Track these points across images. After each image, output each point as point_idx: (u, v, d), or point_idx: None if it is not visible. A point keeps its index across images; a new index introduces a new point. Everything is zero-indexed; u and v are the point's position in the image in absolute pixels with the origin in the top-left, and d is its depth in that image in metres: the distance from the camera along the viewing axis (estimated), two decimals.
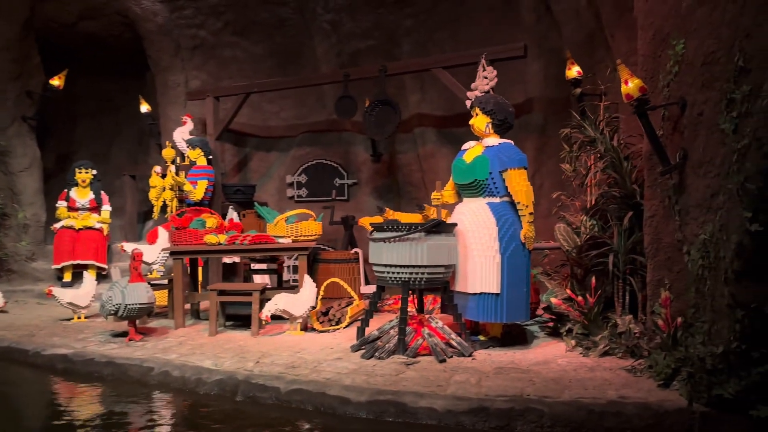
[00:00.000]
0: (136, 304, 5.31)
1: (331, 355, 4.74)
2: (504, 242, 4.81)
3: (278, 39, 9.15)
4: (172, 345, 5.22)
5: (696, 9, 3.86)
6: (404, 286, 4.75)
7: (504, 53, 6.60)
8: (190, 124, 8.92)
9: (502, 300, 4.80)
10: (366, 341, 4.85)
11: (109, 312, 5.38)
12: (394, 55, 8.57)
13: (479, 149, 5.05)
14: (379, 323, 5.16)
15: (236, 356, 4.76)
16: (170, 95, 9.25)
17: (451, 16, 8.08)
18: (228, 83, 9.25)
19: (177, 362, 4.60)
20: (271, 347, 5.07)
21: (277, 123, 9.47)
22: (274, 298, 5.54)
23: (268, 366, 4.45)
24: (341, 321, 5.87)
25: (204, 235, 6.15)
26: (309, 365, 4.45)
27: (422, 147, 8.44)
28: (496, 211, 4.89)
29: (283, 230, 6.26)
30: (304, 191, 9.15)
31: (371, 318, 5.10)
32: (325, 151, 9.13)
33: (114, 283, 5.53)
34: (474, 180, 4.94)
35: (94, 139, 10.95)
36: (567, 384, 3.92)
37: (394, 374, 4.19)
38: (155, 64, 9.12)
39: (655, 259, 4.40)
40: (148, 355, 4.84)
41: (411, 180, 8.66)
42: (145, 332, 5.72)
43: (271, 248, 6.01)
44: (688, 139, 3.94)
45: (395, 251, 4.69)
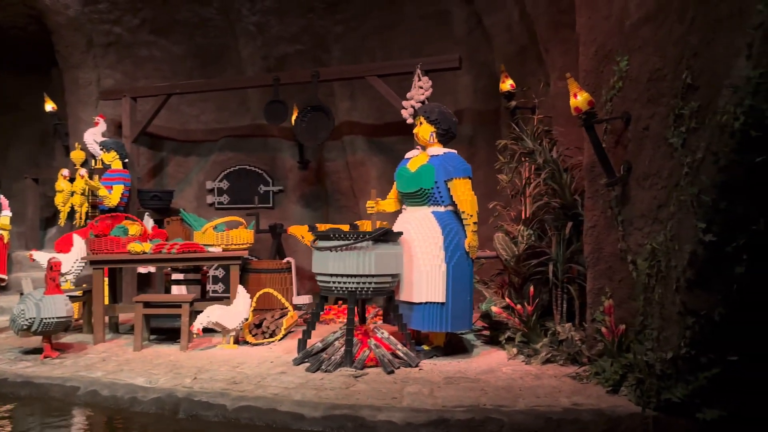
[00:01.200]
0: (53, 318, 4.88)
1: (274, 369, 4.54)
2: (449, 251, 4.81)
3: (199, 39, 8.80)
4: (95, 362, 4.84)
5: (640, 27, 4.02)
6: (350, 296, 4.63)
7: (439, 64, 6.63)
8: (103, 125, 8.40)
9: (447, 309, 4.79)
10: (309, 354, 4.69)
11: (21, 327, 4.91)
12: (323, 60, 8.44)
13: (424, 158, 5.03)
14: (317, 335, 5.01)
15: (170, 372, 4.47)
16: (80, 94, 8.67)
17: (382, 24, 8.06)
18: (144, 83, 8.79)
19: (105, 380, 4.25)
20: (206, 362, 4.80)
21: (196, 126, 9.09)
22: (206, 310, 5.26)
23: (208, 382, 4.20)
24: (275, 333, 5.66)
25: (126, 243, 5.77)
26: (252, 380, 4.24)
27: (352, 155, 8.35)
28: (441, 220, 4.88)
29: (213, 239, 5.98)
30: (226, 198, 8.83)
31: (313, 329, 4.93)
32: (249, 156, 8.85)
33: (26, 295, 5.07)
34: (419, 189, 4.91)
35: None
36: (518, 392, 3.94)
37: (344, 387, 4.06)
38: (64, 61, 8.52)
39: (595, 269, 4.52)
40: (71, 373, 4.45)
41: (340, 188, 8.55)
42: (62, 348, 5.28)
43: (201, 257, 5.72)
44: (633, 153, 4.08)
45: (342, 260, 4.57)
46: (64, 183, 8.35)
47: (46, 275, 5.00)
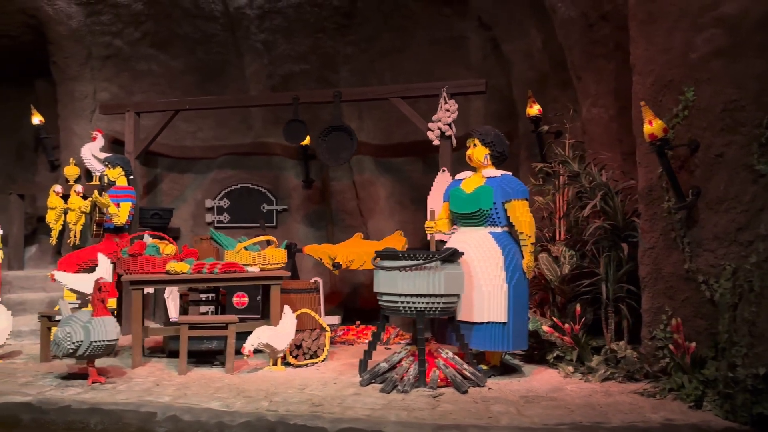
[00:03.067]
0: (104, 341, 4.66)
1: (344, 391, 4.49)
2: (510, 271, 4.90)
3: (201, 55, 8.64)
4: (149, 386, 4.64)
5: (710, 60, 4.27)
6: (419, 316, 4.64)
7: (465, 88, 6.78)
8: (101, 140, 8.14)
9: (509, 329, 4.87)
10: (376, 374, 4.66)
11: (66, 351, 4.66)
12: (329, 81, 8.45)
13: (480, 180, 5.13)
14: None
15: (238, 396, 4.34)
16: (76, 107, 8.34)
17: (392, 47, 8.15)
18: (140, 98, 8.55)
19: (178, 405, 4.09)
20: (267, 384, 4.69)
21: (193, 143, 8.89)
22: (255, 332, 5.15)
23: (288, 405, 4.11)
24: (317, 354, 5.58)
25: (162, 263, 5.58)
26: (332, 402, 4.17)
27: (359, 175, 8.36)
28: (500, 240, 4.98)
29: (247, 258, 5.87)
30: (226, 216, 8.65)
31: (374, 350, 4.91)
32: (251, 174, 8.72)
33: (69, 317, 4.82)
34: (478, 210, 4.99)
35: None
36: (602, 409, 4.05)
37: (430, 408, 4.06)
38: (61, 72, 8.19)
39: (653, 288, 4.72)
40: (136, 398, 4.26)
41: (345, 208, 8.52)
42: (102, 373, 5.03)
43: (243, 277, 5.59)
44: (701, 178, 4.31)
45: (411, 280, 4.58)
46: (57, 199, 8.02)
47: (92, 296, 4.77)
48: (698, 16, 4.35)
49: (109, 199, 6.93)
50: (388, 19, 8.00)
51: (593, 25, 5.84)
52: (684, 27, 4.47)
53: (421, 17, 7.84)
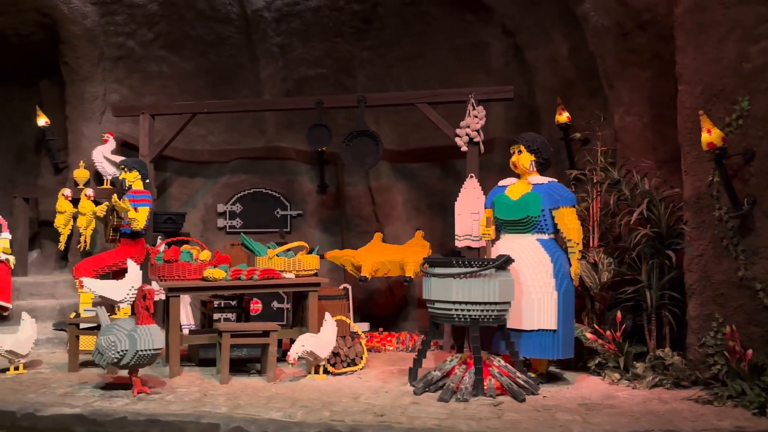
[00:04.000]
0: (150, 350, 4.52)
1: (400, 400, 4.42)
2: (558, 279, 4.91)
3: (213, 57, 8.50)
4: (198, 396, 4.51)
5: (766, 71, 4.33)
6: (473, 323, 4.61)
7: (493, 94, 6.77)
8: (112, 143, 7.96)
9: (559, 336, 4.87)
10: (430, 382, 4.60)
11: (111, 360, 4.51)
12: (345, 85, 8.38)
13: (526, 186, 5.12)
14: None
15: (294, 405, 4.25)
16: (85, 109, 8.14)
17: (411, 52, 8.12)
18: (149, 100, 8.38)
19: (238, 416, 3.98)
20: (319, 394, 4.60)
21: (203, 147, 8.73)
22: (299, 339, 5.06)
23: (348, 415, 4.03)
24: (356, 362, 5.51)
25: (198, 269, 5.45)
26: (394, 411, 4.11)
27: (375, 180, 8.30)
28: (548, 247, 4.98)
29: (281, 264, 5.77)
30: (239, 221, 8.51)
31: (424, 357, 4.85)
32: (264, 179, 8.59)
33: (111, 325, 4.67)
34: (526, 216, 4.99)
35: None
36: (666, 417, 4.06)
37: (495, 417, 4.03)
38: (72, 73, 7.98)
39: (702, 296, 4.76)
40: (191, 409, 4.13)
41: (361, 213, 8.45)
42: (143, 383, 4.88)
43: (283, 284, 5.49)
44: (758, 187, 4.36)
45: (467, 288, 4.55)
46: (66, 203, 7.81)
47: (136, 304, 4.62)
48: (753, 28, 4.41)
49: (129, 204, 6.75)
50: (408, 25, 7.97)
51: (628, 34, 5.89)
52: (736, 37, 4.53)
53: (442, 23, 7.83)
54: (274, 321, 7.34)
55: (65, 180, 8.71)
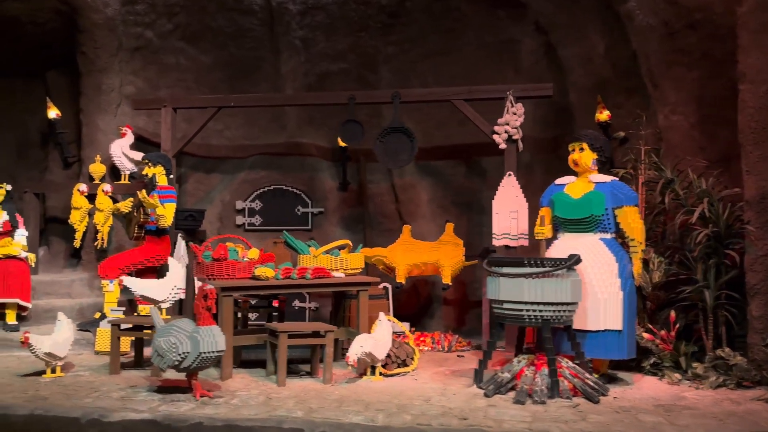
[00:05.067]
0: (213, 352, 4.33)
1: (473, 402, 4.32)
2: (623, 278, 4.86)
3: (233, 50, 8.29)
4: (262, 399, 4.35)
5: None
6: (545, 324, 4.53)
7: (532, 91, 6.72)
8: (131, 137, 7.71)
9: (624, 336, 4.82)
10: (501, 384, 4.51)
11: (172, 362, 4.32)
12: (368, 81, 8.25)
13: (588, 185, 5.07)
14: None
15: (368, 409, 4.12)
16: (101, 101, 7.84)
17: (437, 49, 8.02)
18: (164, 93, 8.14)
19: (318, 420, 3.83)
20: (384, 396, 4.47)
21: (219, 142, 8.51)
22: (357, 341, 4.91)
23: (432, 418, 3.92)
24: (407, 363, 5.39)
25: (246, 268, 5.26)
26: (475, 415, 4.00)
27: (399, 178, 8.18)
28: (611, 247, 4.94)
29: (327, 263, 5.62)
30: (258, 219, 8.31)
31: (489, 359, 4.76)
32: (284, 176, 8.41)
33: (170, 327, 4.46)
34: (590, 215, 4.93)
35: None
36: (748, 418, 4.04)
37: (581, 419, 3.96)
38: (89, 63, 7.68)
39: (767, 295, 4.75)
40: (265, 413, 3.96)
41: (384, 211, 8.32)
42: None
43: (334, 283, 5.34)
44: None
45: (539, 288, 4.47)
46: (81, 199, 7.54)
47: (196, 305, 4.43)
48: None
49: (157, 200, 6.52)
50: (435, 21, 7.87)
51: (675, 33, 5.88)
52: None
53: (472, 20, 7.74)
54: (297, 320, 7.20)
55: (75, 175, 8.41)
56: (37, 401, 4.21)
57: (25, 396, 4.37)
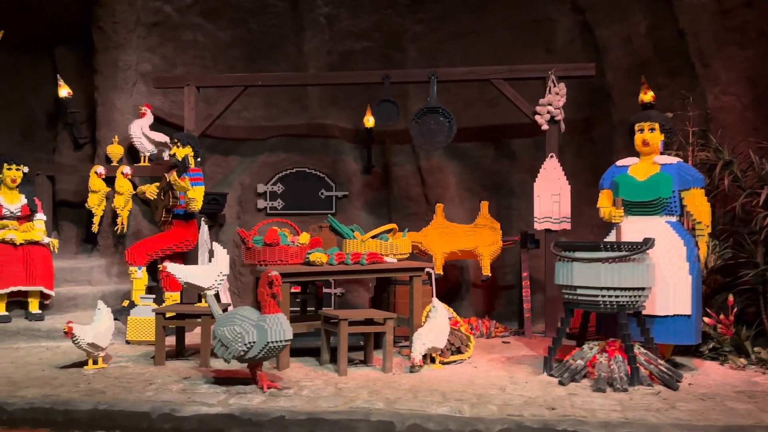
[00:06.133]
0: (281, 342, 4.12)
1: (551, 390, 4.19)
2: (691, 262, 4.75)
3: (253, 27, 7.98)
4: (331, 390, 4.15)
5: None
6: (621, 310, 4.40)
7: (574, 71, 6.57)
8: (150, 116, 7.40)
9: (692, 321, 4.72)
10: (575, 372, 4.38)
11: (237, 353, 4.10)
12: (393, 60, 8.01)
13: (653, 167, 4.94)
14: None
15: (447, 399, 3.95)
16: (118, 79, 7.49)
17: (466, 28, 7.81)
18: (181, 71, 7.82)
19: (405, 412, 3.66)
20: (455, 386, 4.31)
21: (237, 123, 8.21)
22: (418, 336, 4.73)
23: (516, 408, 3.77)
24: (461, 350, 5.23)
25: (298, 253, 5.04)
26: (560, 403, 3.87)
27: (425, 160, 7.98)
28: (679, 230, 4.83)
29: (376, 248, 5.42)
30: (280, 202, 8.06)
31: (559, 346, 4.63)
32: (306, 158, 8.15)
33: (233, 315, 4.24)
34: (657, 198, 4.80)
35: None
36: None
37: (670, 406, 3.85)
38: (106, 39, 7.32)
39: None
40: (344, 405, 3.77)
41: (409, 194, 8.12)
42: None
43: (389, 269, 5.15)
44: None
45: (616, 273, 4.33)
46: (99, 182, 7.22)
47: (260, 292, 4.20)
48: None
49: (189, 182, 6.24)
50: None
51: (729, 11, 5.76)
52: None
53: None
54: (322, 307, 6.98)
55: (87, 156, 8.07)
56: (96, 395, 3.97)
57: (79, 390, 4.12)
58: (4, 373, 4.61)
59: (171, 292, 6.63)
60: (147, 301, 6.08)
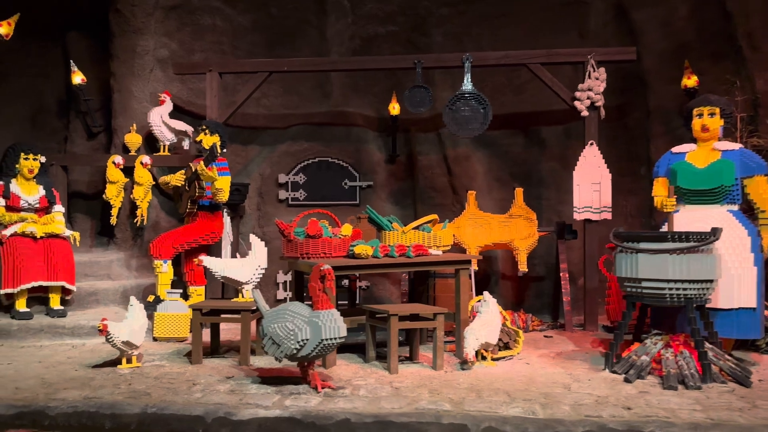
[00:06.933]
0: (335, 339, 3.89)
1: (619, 388, 3.98)
2: (756, 253, 4.55)
3: (273, 11, 7.71)
4: (388, 390, 3.92)
5: None
6: (689, 303, 4.19)
7: (614, 55, 6.34)
8: (169, 104, 7.14)
9: (757, 314, 4.53)
10: (641, 368, 4.18)
11: (290, 351, 3.86)
12: (417, 44, 7.76)
13: (713, 153, 4.73)
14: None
15: (514, 399, 3.74)
16: (135, 65, 7.21)
17: (494, 11, 7.56)
18: (198, 57, 7.55)
19: (476, 414, 3.44)
20: (516, 383, 4.10)
21: (256, 111, 7.93)
22: (470, 333, 4.49)
23: (594, 408, 3.56)
24: (509, 346, 5.02)
25: (341, 245, 4.81)
26: (635, 402, 3.67)
27: (452, 149, 7.74)
28: (742, 219, 4.63)
29: (419, 240, 5.19)
30: (302, 193, 7.81)
31: (621, 341, 4.42)
32: (328, 147, 7.89)
33: (283, 311, 4.00)
34: (719, 186, 4.60)
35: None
36: None
37: (751, 406, 3.65)
38: (124, 23, 7.02)
39: None
40: (408, 407, 3.55)
41: (434, 184, 7.87)
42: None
43: (436, 261, 4.92)
44: None
45: (685, 265, 4.12)
46: (117, 172, 6.95)
47: (311, 286, 3.96)
48: None
49: (217, 173, 5.98)
50: None
51: None
52: None
53: None
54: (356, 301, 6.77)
55: (100, 146, 7.79)
56: (141, 397, 3.72)
57: (121, 391, 3.88)
58: (35, 373, 4.36)
59: (196, 287, 6.40)
60: (174, 296, 5.83)
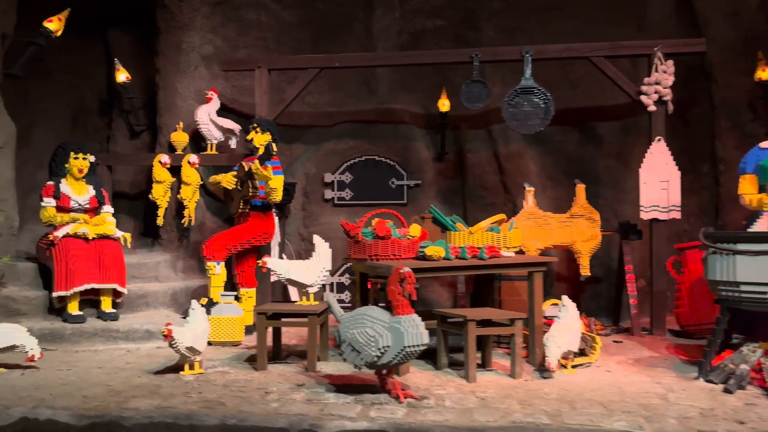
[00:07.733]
0: (417, 347, 3.67)
1: (723, 400, 3.73)
2: None
3: (320, 6, 7.52)
4: (474, 400, 3.71)
5: None
6: None
7: (682, 47, 6.08)
8: (216, 102, 6.97)
9: None
10: (741, 378, 3.92)
11: (371, 359, 3.66)
12: (467, 39, 7.51)
13: None
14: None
15: (612, 412, 3.50)
16: (180, 61, 7.05)
17: (548, 3, 7.31)
18: (243, 53, 7.38)
19: (579, 427, 3.21)
20: (606, 394, 3.87)
21: (300, 108, 7.73)
22: (550, 339, 4.25)
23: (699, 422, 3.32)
24: (585, 352, 4.78)
25: (410, 247, 4.59)
26: (744, 416, 3.41)
27: (504, 146, 7.50)
28: None
29: (487, 241, 4.97)
30: (348, 192, 7.61)
31: (715, 348, 4.16)
32: (375, 145, 7.68)
33: (362, 316, 3.79)
34: None
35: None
36: None
37: None
38: (171, 19, 6.88)
39: None
40: (502, 419, 3.32)
41: (485, 183, 7.63)
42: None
43: (509, 264, 4.69)
44: None
45: None
46: (164, 172, 6.79)
47: (390, 290, 3.75)
48: None
49: (271, 172, 5.80)
50: None
51: None
52: None
53: None
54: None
55: (143, 145, 7.65)
56: (216, 407, 3.53)
57: (193, 400, 3.69)
58: (99, 380, 4.19)
59: (246, 288, 6.23)
60: (228, 299, 5.66)
